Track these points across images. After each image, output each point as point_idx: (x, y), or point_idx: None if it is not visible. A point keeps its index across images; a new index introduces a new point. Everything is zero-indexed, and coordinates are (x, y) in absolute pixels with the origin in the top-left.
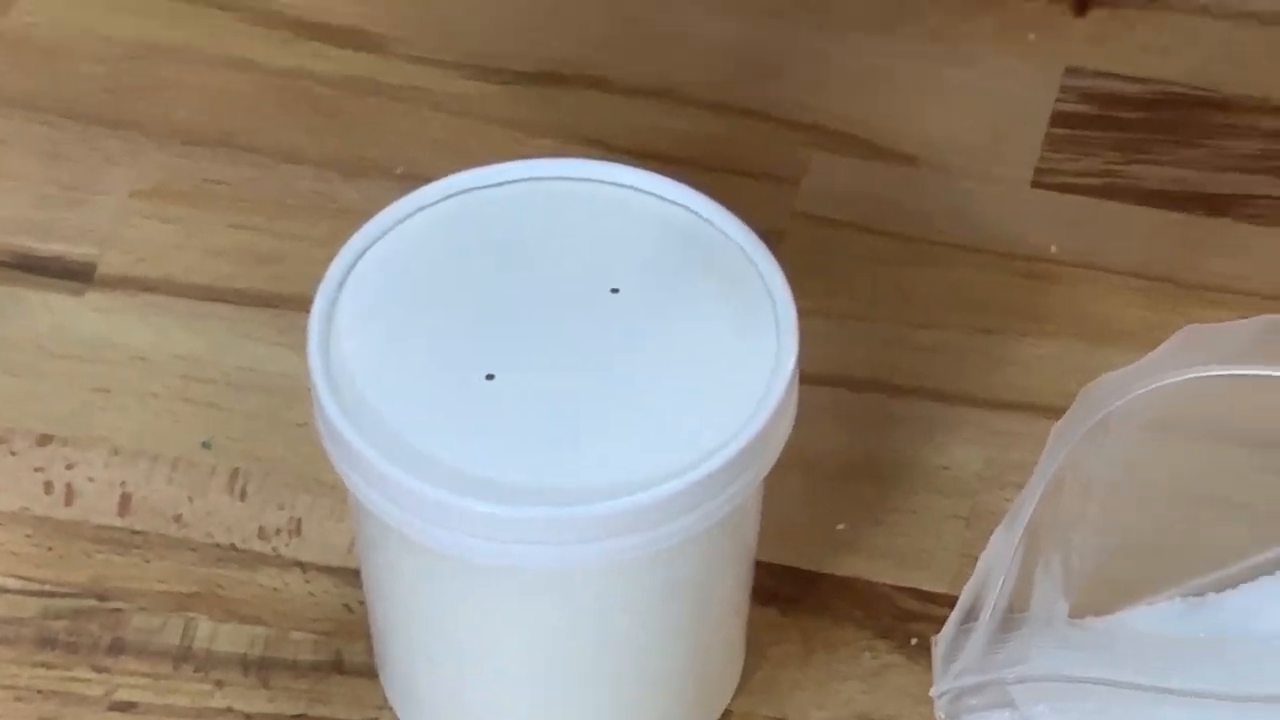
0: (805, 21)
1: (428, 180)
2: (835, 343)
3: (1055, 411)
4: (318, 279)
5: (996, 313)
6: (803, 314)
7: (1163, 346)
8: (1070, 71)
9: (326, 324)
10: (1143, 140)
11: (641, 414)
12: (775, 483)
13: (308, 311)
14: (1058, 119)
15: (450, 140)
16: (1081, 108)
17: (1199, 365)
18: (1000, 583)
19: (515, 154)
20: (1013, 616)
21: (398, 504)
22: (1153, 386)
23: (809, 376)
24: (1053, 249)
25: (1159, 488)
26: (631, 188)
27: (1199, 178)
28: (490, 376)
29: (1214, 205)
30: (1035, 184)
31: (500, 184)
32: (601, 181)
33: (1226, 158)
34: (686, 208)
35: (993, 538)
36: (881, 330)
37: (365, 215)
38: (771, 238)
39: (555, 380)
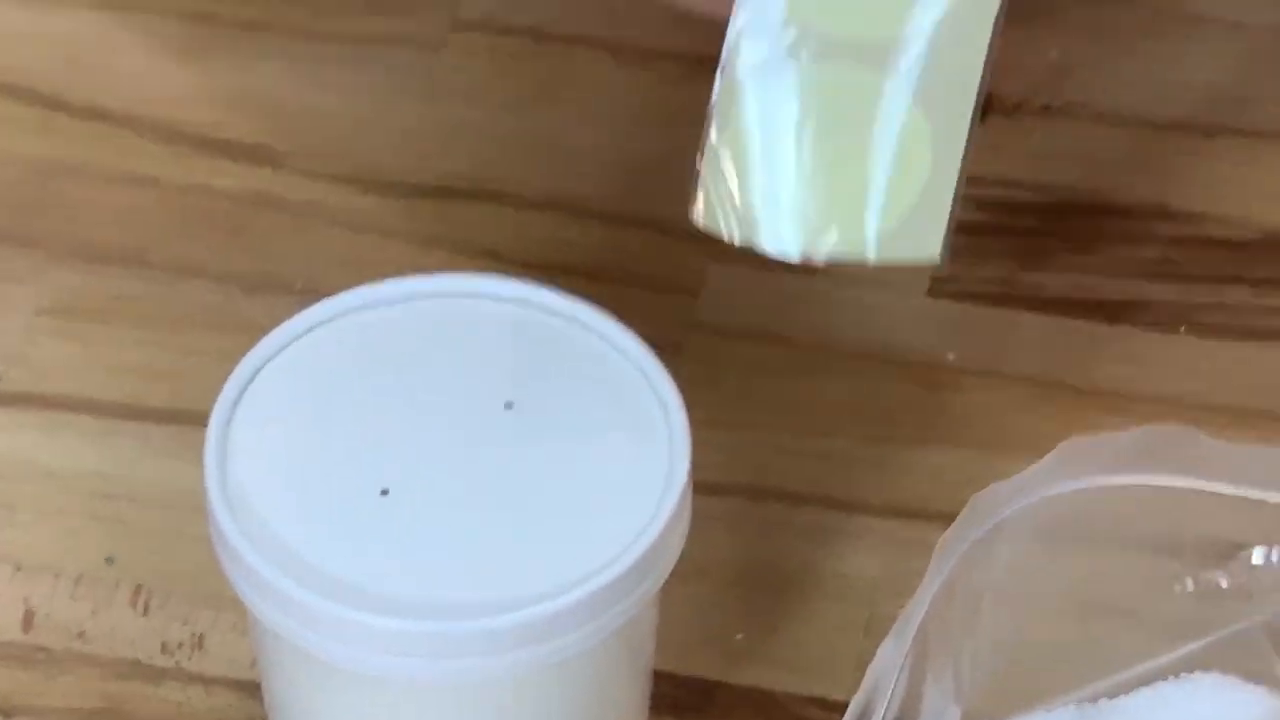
0: (700, 132)
1: (327, 295)
2: (732, 452)
3: (953, 519)
4: (219, 393)
5: (894, 421)
6: (700, 424)
7: (1049, 457)
8: (968, 180)
9: (223, 440)
10: (1040, 247)
11: (536, 527)
12: (672, 592)
13: None
14: (956, 227)
15: (349, 255)
16: (979, 216)
17: (1085, 475)
18: (889, 692)
19: (412, 268)
20: None
21: (294, 618)
22: (1040, 496)
23: (706, 486)
24: (950, 357)
25: (1050, 596)
26: (525, 302)
27: (1096, 284)
28: (385, 492)
29: (1111, 312)
30: (933, 292)
31: (395, 300)
32: (495, 297)
33: (1124, 264)
34: (579, 321)
35: (881, 647)
36: (779, 439)
37: (266, 330)
38: (669, 349)
39: (450, 494)
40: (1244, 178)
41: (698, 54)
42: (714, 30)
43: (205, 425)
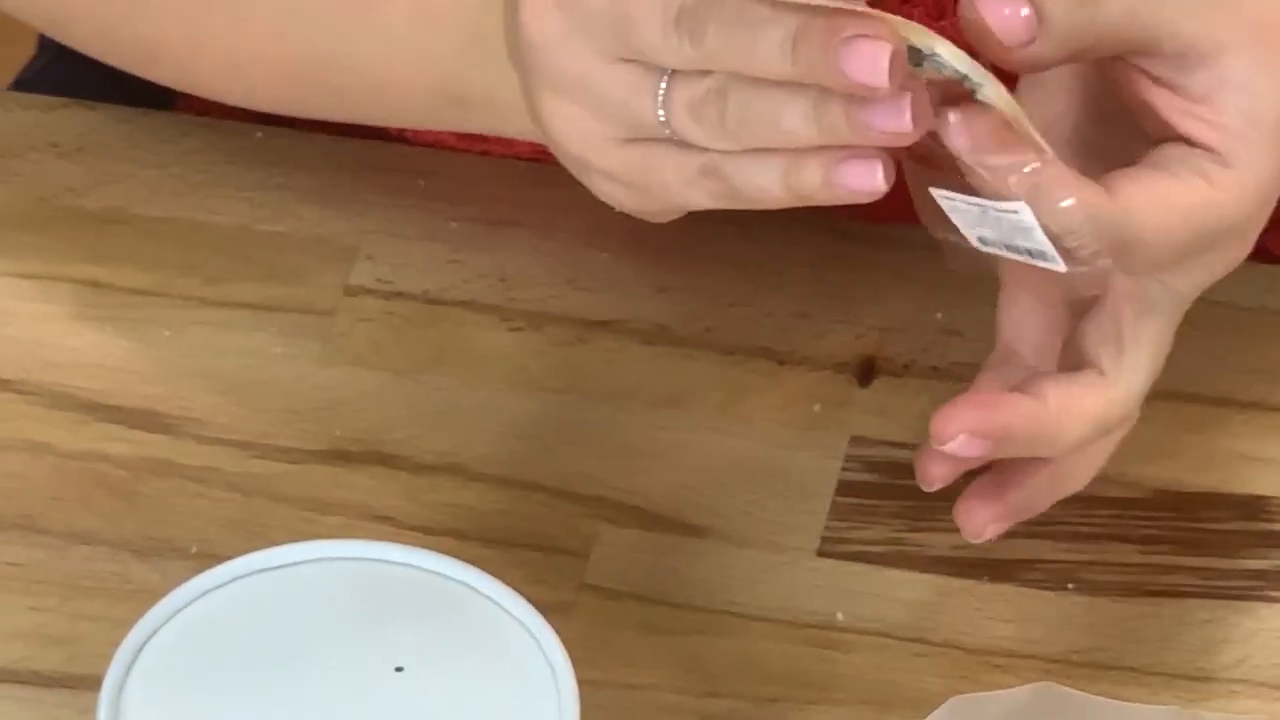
0: (592, 395)
1: (222, 559)
2: (622, 713)
3: None
4: (112, 657)
5: (784, 682)
6: (590, 685)
7: (935, 714)
8: (855, 441)
9: (115, 706)
10: (927, 507)
11: None
12: None
13: None
14: (843, 488)
15: (243, 519)
16: (866, 476)
17: None
18: None
19: (306, 532)
20: None
21: None
22: None
23: None
24: (839, 616)
25: None
26: (415, 567)
27: (982, 544)
28: None
29: (998, 570)
30: (821, 553)
31: (287, 565)
32: (385, 561)
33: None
34: (469, 585)
35: None
36: (668, 700)
37: (160, 595)
38: (559, 611)
39: None
40: (1133, 436)
41: (588, 318)
42: (604, 293)
43: (98, 690)
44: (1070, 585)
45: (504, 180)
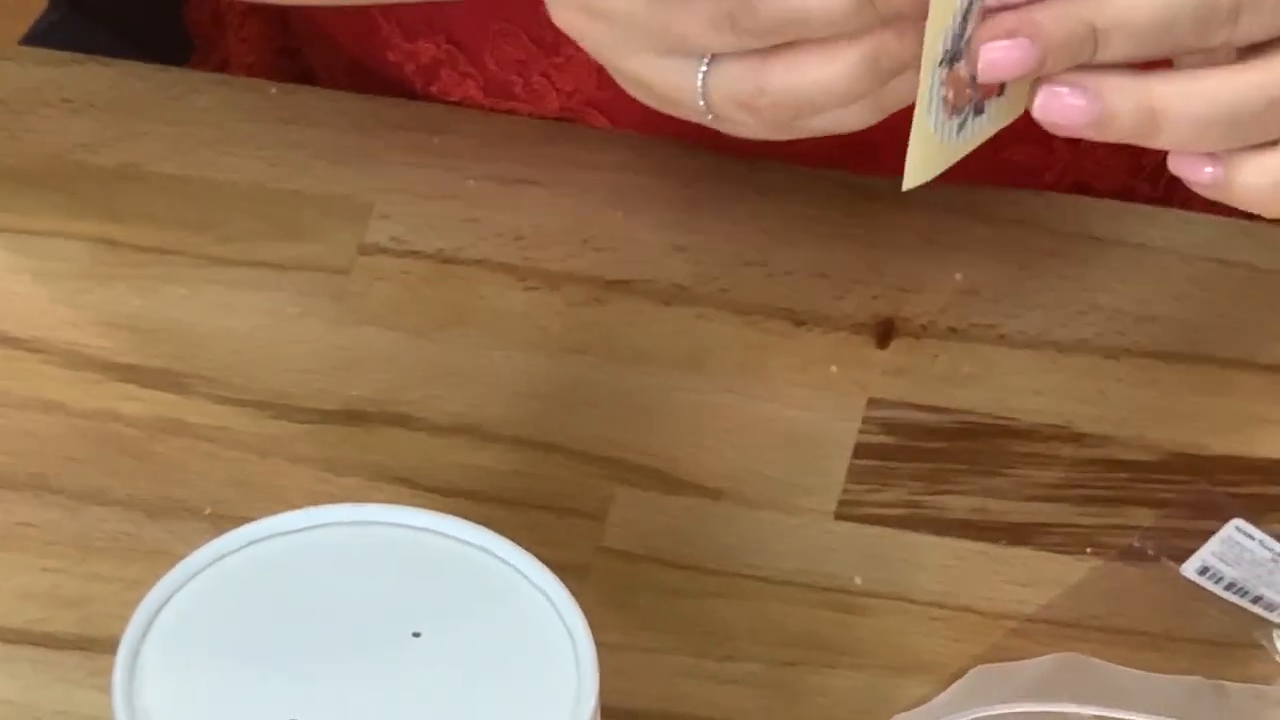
0: (608, 356)
1: (237, 520)
2: (640, 677)
3: None
4: (127, 620)
5: (801, 645)
6: (607, 649)
7: (954, 685)
8: (873, 403)
9: (131, 670)
10: (944, 470)
11: None
12: None
13: None
14: (860, 450)
15: (258, 480)
16: (884, 439)
17: (992, 703)
18: None
19: (322, 493)
20: None
21: None
22: None
23: (614, 712)
24: (857, 580)
25: None
26: (431, 531)
27: (1001, 506)
28: None
29: (1015, 534)
30: (839, 515)
31: (304, 529)
32: (401, 525)
33: (1028, 486)
34: (487, 550)
35: None
36: (686, 663)
37: (175, 555)
38: (575, 574)
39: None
40: (1146, 400)
41: (605, 277)
42: (621, 252)
43: (113, 652)
44: (1088, 549)
45: (521, 139)
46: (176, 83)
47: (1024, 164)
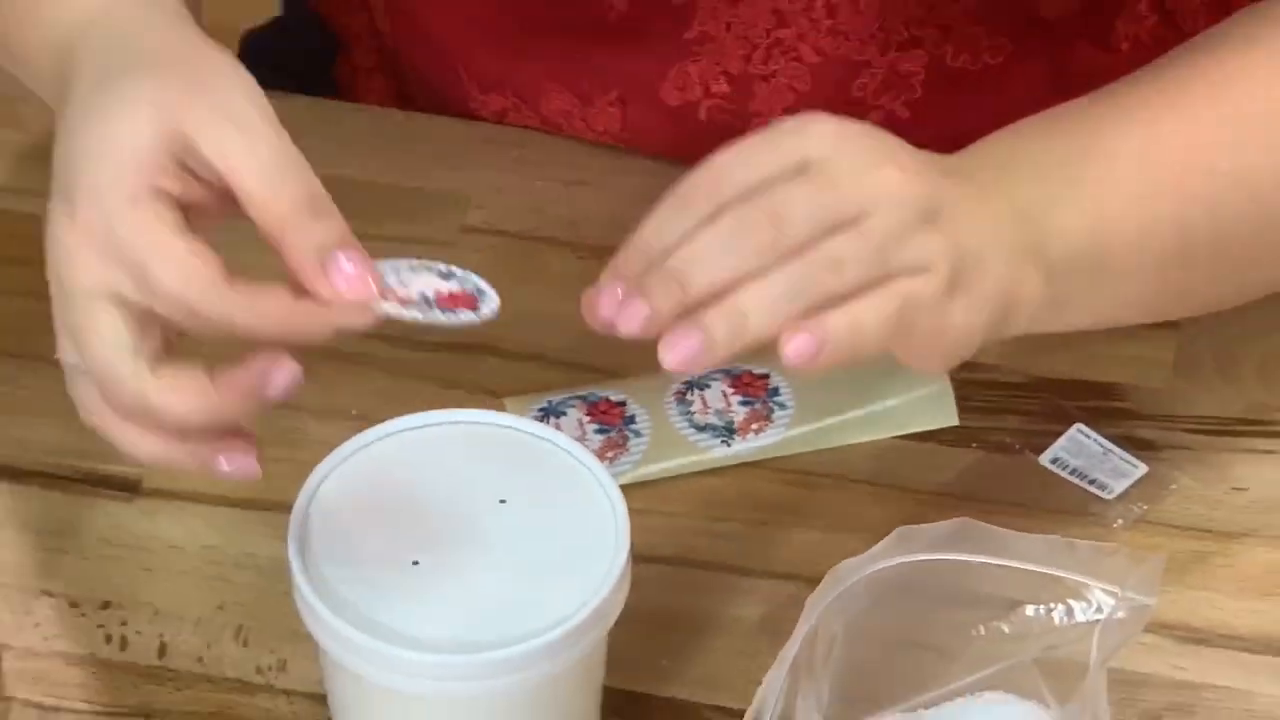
0: None
1: (375, 421)
2: (659, 533)
3: (817, 583)
4: (298, 491)
5: (774, 510)
6: (635, 512)
7: (883, 541)
8: None
9: (302, 524)
10: None
11: (521, 587)
12: (617, 632)
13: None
14: None
15: (390, 392)
16: None
17: (911, 553)
18: (772, 706)
19: (436, 402)
20: None
21: (350, 652)
22: (878, 567)
23: (641, 557)
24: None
25: (884, 637)
26: (512, 428)
27: None
28: (416, 563)
29: (925, 434)
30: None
31: (423, 426)
32: (491, 424)
33: None
34: (550, 441)
35: (767, 674)
36: (692, 524)
37: (331, 445)
38: None
39: (461, 564)
40: (1020, 341)
41: None
42: None
43: (288, 512)
44: (974, 445)
45: (575, 152)
46: (330, 111)
47: None
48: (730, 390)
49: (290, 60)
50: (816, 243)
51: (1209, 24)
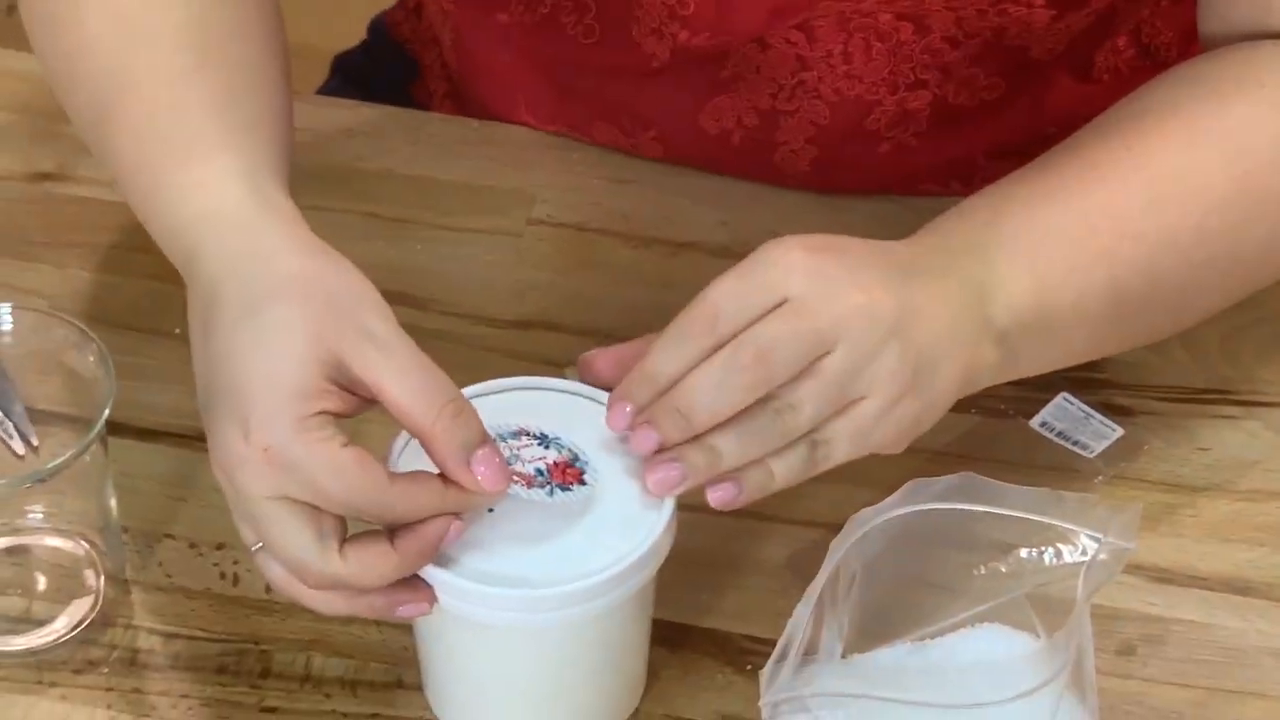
0: (680, 289)
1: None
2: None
3: (839, 529)
4: (389, 446)
5: None
6: None
7: (896, 493)
8: None
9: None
10: None
11: (585, 532)
12: (665, 570)
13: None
14: None
15: (466, 362)
16: None
17: (920, 503)
18: (800, 636)
19: (506, 370)
20: (808, 657)
21: (438, 589)
22: (892, 515)
23: (685, 506)
24: None
25: (896, 576)
26: (573, 393)
27: None
28: (491, 510)
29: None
30: None
31: (495, 392)
32: (556, 390)
33: None
34: (603, 404)
35: (796, 608)
36: None
37: None
38: None
39: (533, 512)
40: None
41: (677, 240)
42: (688, 226)
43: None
44: (973, 410)
45: (626, 162)
46: (415, 119)
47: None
48: None
49: (374, 80)
50: (782, 391)
51: (1182, 55)
